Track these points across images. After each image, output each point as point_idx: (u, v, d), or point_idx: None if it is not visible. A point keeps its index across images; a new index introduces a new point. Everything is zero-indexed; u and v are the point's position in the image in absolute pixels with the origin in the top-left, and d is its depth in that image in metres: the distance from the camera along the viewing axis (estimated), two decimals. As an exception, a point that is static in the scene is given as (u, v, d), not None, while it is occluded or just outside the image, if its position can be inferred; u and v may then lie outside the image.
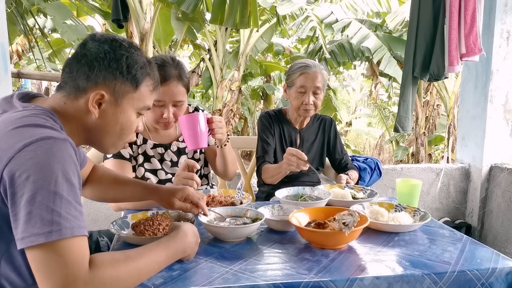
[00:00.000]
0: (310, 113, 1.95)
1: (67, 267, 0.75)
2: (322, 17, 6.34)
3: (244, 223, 1.21)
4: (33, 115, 0.86)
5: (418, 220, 1.34)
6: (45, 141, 0.79)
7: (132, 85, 0.97)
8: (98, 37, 0.96)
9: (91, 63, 0.93)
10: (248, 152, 10.24)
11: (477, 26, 2.51)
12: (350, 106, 15.81)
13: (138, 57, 0.98)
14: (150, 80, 1.01)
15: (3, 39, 2.34)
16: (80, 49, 0.96)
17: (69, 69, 0.95)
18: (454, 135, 6.38)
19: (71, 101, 0.95)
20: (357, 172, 2.11)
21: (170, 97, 1.55)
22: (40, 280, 0.76)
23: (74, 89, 0.94)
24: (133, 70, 0.96)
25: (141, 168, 1.66)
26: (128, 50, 0.96)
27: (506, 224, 2.85)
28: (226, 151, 1.67)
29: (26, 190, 0.76)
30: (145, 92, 1.00)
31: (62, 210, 0.76)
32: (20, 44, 8.84)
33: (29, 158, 0.77)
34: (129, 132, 1.02)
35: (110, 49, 0.94)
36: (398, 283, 0.96)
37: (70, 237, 0.76)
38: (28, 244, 0.75)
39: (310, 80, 1.88)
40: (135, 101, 0.99)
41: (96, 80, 0.93)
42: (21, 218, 0.76)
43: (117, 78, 0.95)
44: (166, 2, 4.67)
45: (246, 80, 9.16)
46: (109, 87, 0.94)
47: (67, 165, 0.80)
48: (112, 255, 0.85)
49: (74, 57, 0.96)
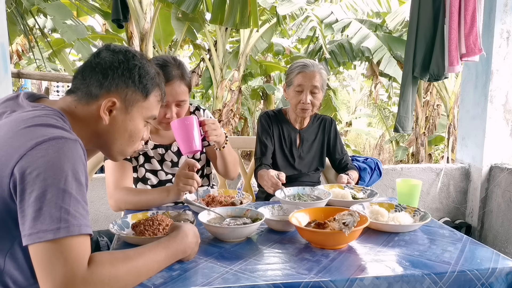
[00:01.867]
0: (307, 113, 1.95)
1: (67, 264, 0.76)
2: (322, 17, 6.34)
3: (244, 223, 1.21)
4: (44, 115, 0.88)
5: (418, 220, 1.34)
6: (57, 141, 0.81)
7: (143, 94, 1.02)
8: (112, 48, 1.01)
9: (105, 72, 0.97)
10: (248, 152, 10.24)
11: (477, 26, 2.51)
12: (350, 106, 15.82)
13: (149, 68, 1.03)
14: (158, 90, 1.06)
15: (3, 39, 2.34)
16: (94, 58, 0.99)
17: (82, 76, 0.98)
18: (454, 135, 6.38)
19: (82, 106, 0.98)
20: (357, 172, 2.10)
21: (173, 97, 1.55)
22: (40, 275, 0.77)
23: (86, 95, 0.97)
24: (144, 80, 1.01)
25: (141, 169, 1.66)
26: (141, 61, 1.02)
27: (506, 224, 2.85)
28: (226, 153, 1.67)
29: (36, 187, 0.77)
30: (154, 101, 1.05)
31: (70, 208, 0.78)
32: (20, 44, 8.84)
33: (40, 156, 0.79)
34: (137, 139, 1.06)
35: (124, 59, 0.99)
36: (398, 283, 0.96)
37: (77, 234, 0.78)
38: (35, 240, 0.76)
39: (307, 79, 1.88)
40: (144, 109, 1.03)
41: (109, 88, 0.97)
42: (29, 215, 0.77)
43: (129, 87, 0.99)
44: (166, 2, 4.67)
45: (246, 80, 9.16)
46: (121, 95, 0.98)
47: (77, 164, 0.82)
48: (111, 254, 0.86)
49: (87, 65, 0.99)
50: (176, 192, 1.46)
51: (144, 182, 1.67)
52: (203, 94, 9.95)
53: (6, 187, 0.81)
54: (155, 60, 1.59)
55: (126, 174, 1.57)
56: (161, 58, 1.58)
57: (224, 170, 1.73)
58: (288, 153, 2.03)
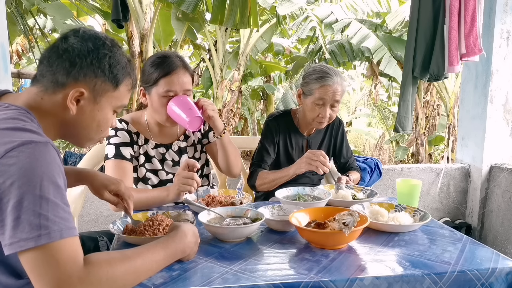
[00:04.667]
0: (323, 125, 1.88)
1: (60, 265, 0.76)
2: (322, 17, 6.34)
3: (244, 223, 1.21)
4: (10, 117, 0.84)
5: (418, 220, 1.34)
6: (27, 146, 0.78)
7: (113, 84, 0.97)
8: (81, 34, 0.95)
9: (73, 60, 0.92)
10: (248, 152, 10.23)
11: (477, 26, 2.51)
12: (350, 106, 15.82)
13: (120, 56, 0.98)
14: (129, 79, 1.02)
15: (3, 39, 2.34)
16: (61, 43, 0.94)
17: (48, 62, 0.93)
18: (454, 135, 6.38)
19: (48, 96, 0.93)
20: (359, 173, 2.09)
21: (180, 86, 1.55)
22: (35, 280, 0.76)
23: (52, 83, 0.92)
24: (115, 70, 0.96)
25: (142, 169, 1.66)
26: (111, 50, 0.96)
27: (506, 224, 2.85)
28: (226, 142, 1.67)
29: (11, 196, 0.75)
30: (124, 91, 1.01)
31: (49, 213, 0.76)
32: (20, 44, 8.84)
33: (11, 164, 0.76)
34: (105, 128, 1.03)
35: (94, 47, 0.94)
36: (398, 283, 0.96)
37: (59, 239, 0.76)
38: (17, 249, 0.75)
39: (330, 93, 1.78)
40: (113, 99, 0.99)
41: (76, 77, 0.92)
42: (8, 224, 0.75)
43: (98, 76, 0.94)
44: (166, 2, 4.67)
45: (246, 80, 9.16)
46: (89, 85, 0.94)
47: (51, 167, 0.79)
48: (109, 254, 0.86)
49: (54, 51, 0.93)
50: (176, 192, 1.46)
51: (145, 182, 1.67)
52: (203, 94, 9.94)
53: None
54: (155, 55, 1.60)
55: (126, 174, 1.56)
56: (160, 52, 1.62)
57: (226, 163, 1.72)
58: (294, 159, 1.97)
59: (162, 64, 1.54)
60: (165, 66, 1.54)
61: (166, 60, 1.55)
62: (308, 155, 1.69)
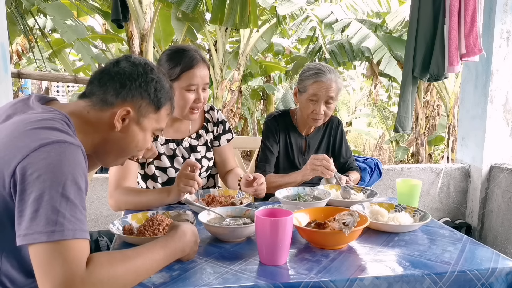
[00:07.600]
0: (319, 123, 1.88)
1: (66, 264, 0.77)
2: (322, 17, 6.33)
3: (244, 223, 1.21)
4: (51, 118, 0.90)
5: (418, 220, 1.34)
6: (60, 144, 0.83)
7: (155, 107, 1.05)
8: (132, 59, 1.04)
9: (123, 81, 1.00)
10: (248, 152, 10.24)
11: (477, 26, 2.51)
12: (350, 106, 15.82)
13: (165, 82, 1.07)
14: (169, 104, 1.10)
15: (3, 39, 2.34)
16: (113, 66, 1.02)
17: (99, 82, 1.01)
18: (454, 135, 6.38)
19: (95, 111, 1.00)
20: (358, 174, 2.09)
21: (202, 79, 1.57)
22: (39, 276, 0.77)
23: (102, 101, 1.00)
24: (159, 94, 1.05)
25: (151, 166, 1.65)
26: (158, 76, 1.05)
27: (506, 224, 2.85)
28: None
29: (35, 188, 0.78)
30: (164, 114, 1.09)
31: (67, 212, 0.79)
32: (20, 44, 8.84)
33: (42, 158, 0.80)
34: (141, 149, 1.10)
35: (143, 72, 1.03)
36: (398, 283, 0.96)
37: (71, 238, 0.78)
38: (30, 241, 0.77)
39: (323, 89, 1.79)
40: (154, 121, 1.07)
41: (125, 97, 1.00)
42: (26, 215, 0.78)
43: (144, 98, 1.02)
44: (166, 2, 4.67)
45: (246, 80, 9.15)
46: (135, 105, 1.01)
47: (77, 169, 0.83)
48: (110, 254, 0.87)
49: (106, 72, 1.02)
50: (176, 193, 1.46)
51: (154, 180, 1.67)
52: (203, 94, 9.93)
53: (7, 185, 0.82)
54: (171, 49, 1.59)
55: (130, 174, 1.55)
56: (176, 46, 1.61)
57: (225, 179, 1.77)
58: (293, 160, 1.99)
59: (183, 59, 1.54)
60: (187, 60, 1.54)
61: (186, 54, 1.55)
62: (312, 160, 1.69)
